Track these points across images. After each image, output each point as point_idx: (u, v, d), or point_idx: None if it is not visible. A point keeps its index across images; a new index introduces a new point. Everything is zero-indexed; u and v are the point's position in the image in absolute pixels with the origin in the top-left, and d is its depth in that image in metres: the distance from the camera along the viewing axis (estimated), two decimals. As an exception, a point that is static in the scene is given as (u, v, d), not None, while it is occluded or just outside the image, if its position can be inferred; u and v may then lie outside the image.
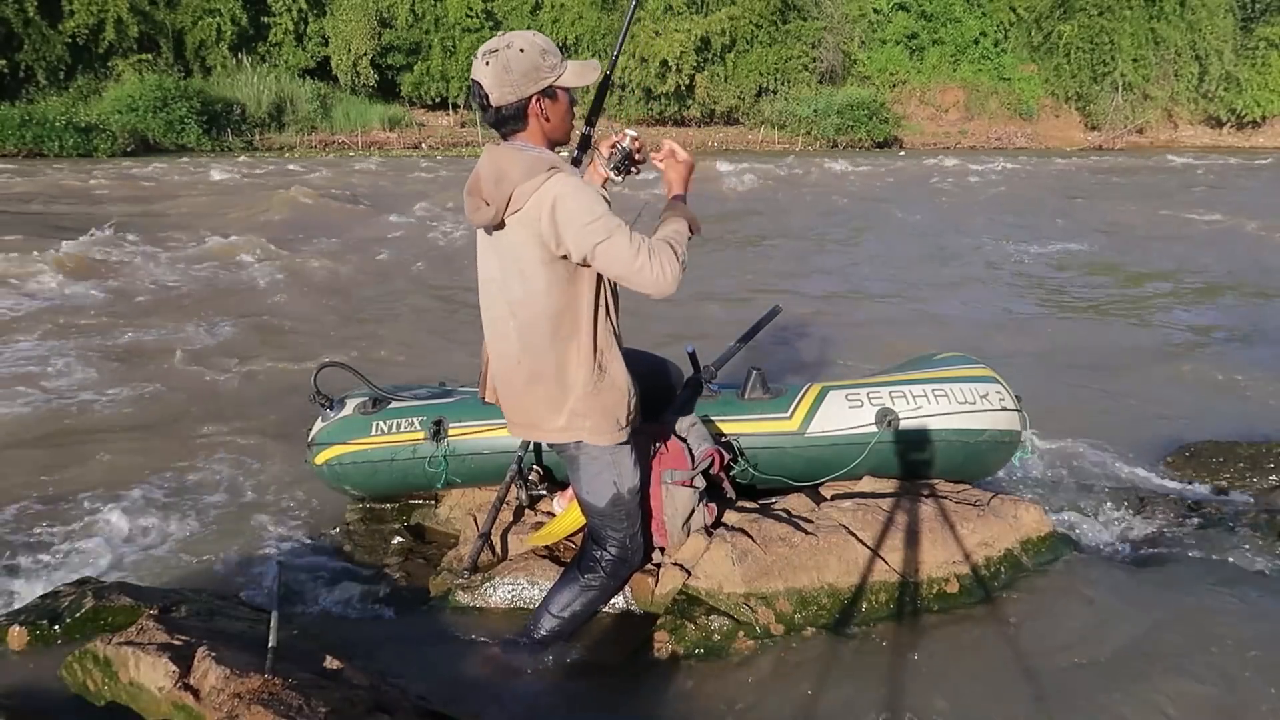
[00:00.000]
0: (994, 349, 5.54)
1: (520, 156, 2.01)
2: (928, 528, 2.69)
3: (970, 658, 2.38)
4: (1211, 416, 4.63)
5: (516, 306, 2.08)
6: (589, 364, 2.09)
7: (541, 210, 1.95)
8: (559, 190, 1.94)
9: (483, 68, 1.99)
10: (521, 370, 2.14)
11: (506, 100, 2.00)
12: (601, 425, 2.14)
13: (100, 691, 1.99)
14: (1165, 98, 33.36)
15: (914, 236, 11.27)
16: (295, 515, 3.52)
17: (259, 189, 14.75)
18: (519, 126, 2.05)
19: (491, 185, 2.00)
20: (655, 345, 2.83)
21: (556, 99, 2.06)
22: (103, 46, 25.79)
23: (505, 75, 1.97)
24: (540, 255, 2.00)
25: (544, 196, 1.95)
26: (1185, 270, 9.04)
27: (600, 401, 2.12)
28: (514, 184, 1.96)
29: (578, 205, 1.93)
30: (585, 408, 2.12)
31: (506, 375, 2.20)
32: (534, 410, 2.18)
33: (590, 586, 2.38)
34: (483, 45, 2.03)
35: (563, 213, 1.93)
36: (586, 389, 2.10)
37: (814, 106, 30.29)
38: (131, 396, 4.87)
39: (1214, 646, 2.40)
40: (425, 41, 29.85)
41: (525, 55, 1.97)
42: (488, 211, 2.02)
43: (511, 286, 2.08)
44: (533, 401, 2.17)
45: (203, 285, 7.78)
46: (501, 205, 1.99)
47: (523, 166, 1.98)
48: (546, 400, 2.14)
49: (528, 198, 1.96)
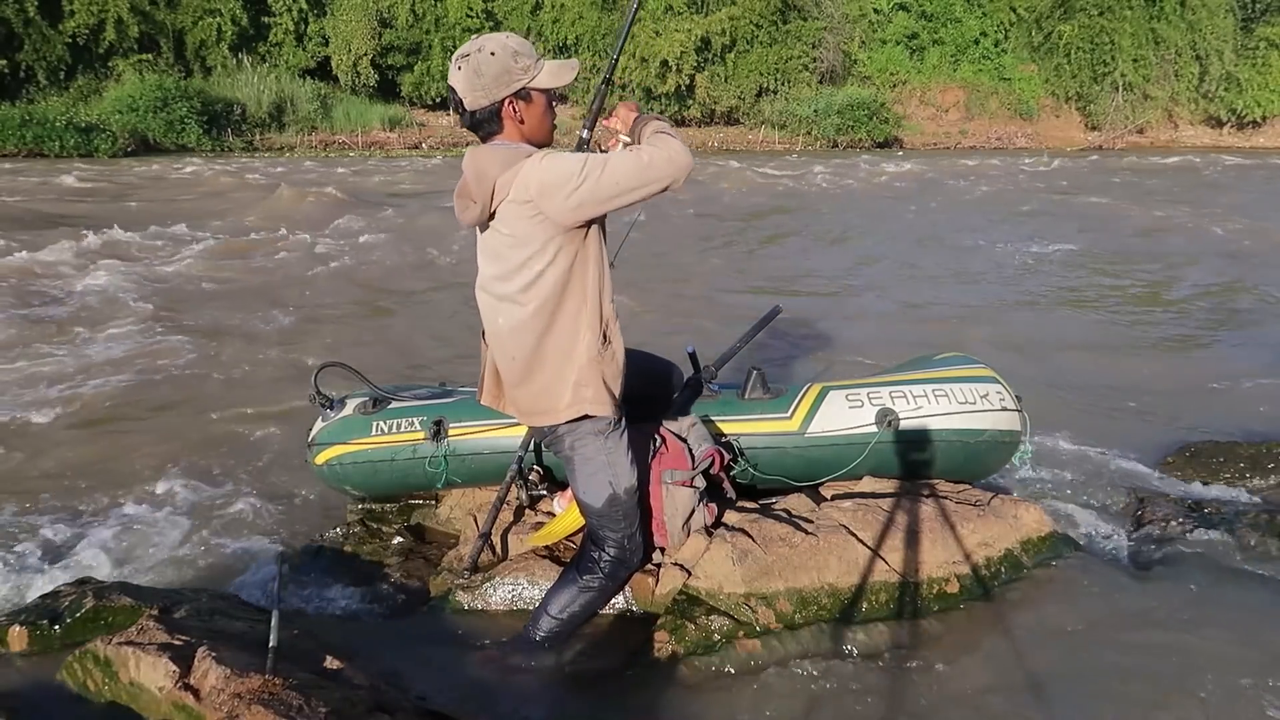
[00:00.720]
0: (994, 349, 5.54)
1: (498, 152, 2.04)
2: (928, 528, 2.69)
3: (970, 658, 2.38)
4: (1212, 416, 4.63)
5: (519, 294, 2.09)
6: (595, 332, 2.12)
7: (529, 184, 1.97)
8: (537, 163, 1.98)
9: (455, 73, 2.04)
10: (526, 360, 2.15)
11: (479, 104, 2.03)
12: (602, 395, 2.16)
13: (100, 691, 1.99)
14: (1165, 98, 33.35)
15: (914, 237, 11.27)
16: (295, 515, 3.52)
17: (259, 189, 14.75)
18: (494, 129, 2.08)
19: (474, 183, 2.03)
20: (656, 345, 2.83)
21: (531, 100, 2.07)
22: (103, 46, 25.76)
23: (476, 79, 2.01)
24: (539, 233, 2.02)
25: (527, 173, 1.98)
26: (1186, 270, 9.04)
27: (602, 370, 2.14)
28: (494, 177, 2.00)
29: (563, 162, 1.97)
30: (588, 377, 2.14)
31: (511, 368, 2.20)
32: (541, 395, 2.19)
33: (589, 588, 2.38)
34: (459, 50, 2.07)
35: (551, 174, 1.96)
36: (591, 357, 2.12)
37: (814, 106, 30.28)
38: (130, 397, 4.88)
39: (1215, 647, 2.40)
40: (425, 41, 29.85)
41: (496, 59, 2.00)
42: (475, 209, 2.05)
43: (512, 278, 2.08)
44: (541, 385, 2.18)
45: (200, 286, 7.78)
46: (487, 200, 2.02)
47: (500, 160, 2.01)
48: (554, 378, 2.15)
49: (510, 183, 1.99)
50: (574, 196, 1.95)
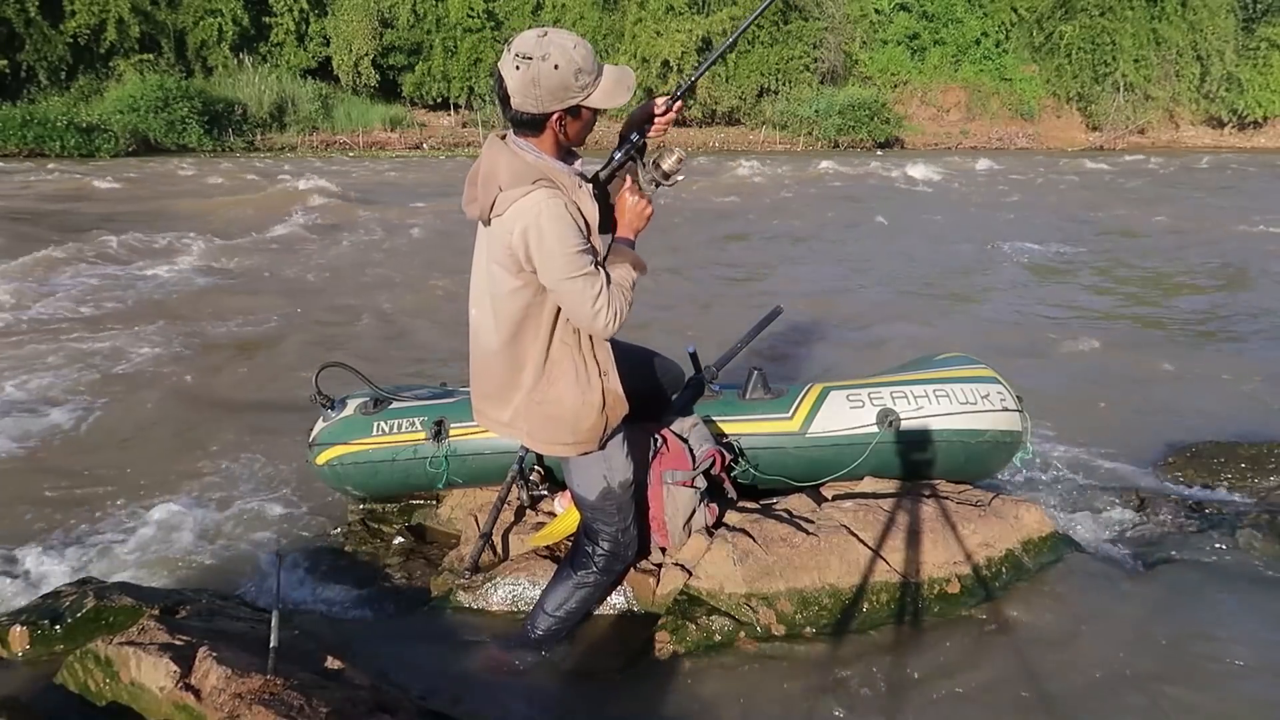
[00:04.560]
0: (995, 349, 5.53)
1: (513, 159, 1.97)
2: (929, 528, 2.68)
3: (971, 658, 2.38)
4: (1213, 417, 4.63)
5: (492, 298, 2.09)
6: (535, 375, 2.09)
7: (515, 225, 1.92)
8: (538, 211, 1.90)
9: (512, 69, 1.90)
10: (487, 357, 2.16)
11: (527, 109, 1.94)
12: (537, 434, 2.15)
13: (101, 691, 1.99)
14: (1167, 98, 33.33)
15: (915, 237, 11.26)
16: (296, 516, 3.52)
17: (260, 189, 14.75)
18: (533, 133, 1.99)
19: (481, 183, 2.00)
20: (656, 345, 2.82)
21: (580, 116, 2.00)
22: (104, 47, 25.76)
23: (532, 88, 1.90)
24: (511, 265, 1.99)
25: (522, 212, 1.91)
26: (1186, 270, 9.04)
27: (540, 412, 2.11)
28: (499, 188, 1.94)
29: (554, 235, 1.90)
30: (525, 413, 2.13)
31: (475, 354, 2.22)
32: (490, 399, 2.20)
33: (584, 583, 2.37)
34: (520, 39, 1.92)
35: (535, 239, 1.91)
36: (529, 397, 2.11)
37: (815, 107, 30.28)
38: (130, 398, 4.87)
39: (1216, 648, 2.40)
40: (427, 42, 29.84)
41: (558, 74, 1.88)
42: (475, 206, 2.03)
43: (489, 279, 2.08)
44: (492, 390, 2.19)
45: (200, 286, 7.78)
46: (486, 206, 1.98)
47: (511, 171, 1.94)
48: (500, 391, 2.16)
49: (507, 206, 1.93)
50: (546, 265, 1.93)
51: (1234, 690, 2.20)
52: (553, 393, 2.09)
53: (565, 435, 2.13)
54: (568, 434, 2.13)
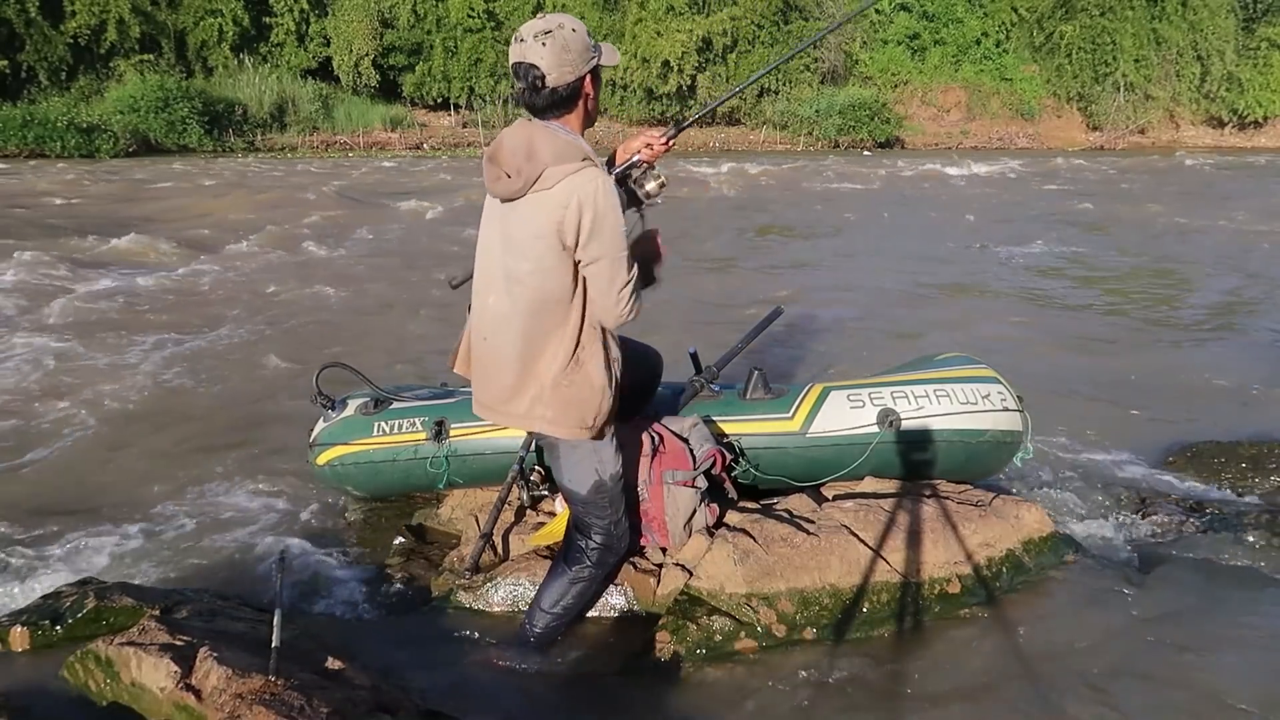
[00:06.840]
0: (996, 349, 5.53)
1: (555, 137, 1.99)
2: (929, 528, 2.68)
3: (972, 658, 2.38)
4: (1213, 416, 4.63)
5: (513, 282, 2.05)
6: (564, 357, 2.06)
7: (571, 199, 1.93)
8: (595, 187, 1.94)
9: (539, 49, 1.94)
10: (500, 348, 2.12)
11: (565, 80, 1.97)
12: (560, 419, 2.11)
13: (102, 692, 1.99)
14: (1167, 98, 33.31)
15: (915, 237, 11.27)
16: (297, 516, 3.52)
17: (260, 189, 14.76)
18: (569, 108, 2.03)
19: (521, 159, 1.97)
20: (657, 346, 2.82)
21: (597, 80, 2.07)
22: (104, 47, 25.76)
23: (565, 54, 1.95)
24: (552, 241, 1.98)
25: (578, 186, 1.93)
26: (1187, 270, 9.04)
27: (566, 395, 2.09)
28: (545, 164, 1.95)
29: (615, 216, 1.97)
30: (549, 398, 2.09)
31: (481, 347, 2.18)
32: (499, 390, 2.16)
33: (579, 578, 2.36)
34: (527, 27, 1.97)
35: (591, 213, 1.94)
36: (557, 381, 2.08)
37: (816, 107, 30.26)
38: (130, 399, 4.88)
39: (1217, 647, 2.39)
40: (427, 42, 29.83)
41: (578, 35, 1.97)
42: (510, 183, 1.99)
43: (514, 261, 2.04)
44: (500, 380, 2.14)
45: (201, 286, 7.79)
46: (529, 180, 1.96)
47: (555, 148, 1.97)
48: (513, 381, 2.11)
49: (558, 180, 1.94)
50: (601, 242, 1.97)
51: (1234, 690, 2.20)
52: (581, 374, 2.08)
53: (587, 418, 2.11)
54: (590, 416, 2.11)
